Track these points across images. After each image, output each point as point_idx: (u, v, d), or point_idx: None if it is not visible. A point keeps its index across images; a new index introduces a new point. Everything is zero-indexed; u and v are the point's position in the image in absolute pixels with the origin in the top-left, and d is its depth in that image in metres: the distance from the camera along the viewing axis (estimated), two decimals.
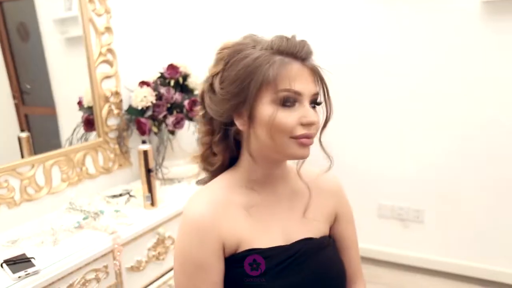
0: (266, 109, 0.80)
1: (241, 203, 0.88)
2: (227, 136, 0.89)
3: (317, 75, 0.83)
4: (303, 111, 0.80)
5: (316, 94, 0.83)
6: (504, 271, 2.38)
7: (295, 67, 0.80)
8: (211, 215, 0.84)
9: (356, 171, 2.63)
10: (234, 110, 0.84)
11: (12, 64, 1.71)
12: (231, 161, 0.93)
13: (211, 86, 0.87)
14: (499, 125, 2.24)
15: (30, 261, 1.31)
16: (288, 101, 0.80)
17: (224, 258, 0.85)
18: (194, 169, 2.14)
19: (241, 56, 0.82)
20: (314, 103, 0.84)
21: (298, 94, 0.80)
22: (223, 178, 0.92)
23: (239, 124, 0.85)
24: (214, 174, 0.95)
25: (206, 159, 0.95)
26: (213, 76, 0.86)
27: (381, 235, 2.65)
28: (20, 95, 1.75)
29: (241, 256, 0.84)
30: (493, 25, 2.15)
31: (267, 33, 0.87)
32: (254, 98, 0.80)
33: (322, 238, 0.93)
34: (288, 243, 0.88)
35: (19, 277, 1.23)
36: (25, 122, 1.77)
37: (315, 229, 0.93)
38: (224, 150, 0.91)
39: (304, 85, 0.81)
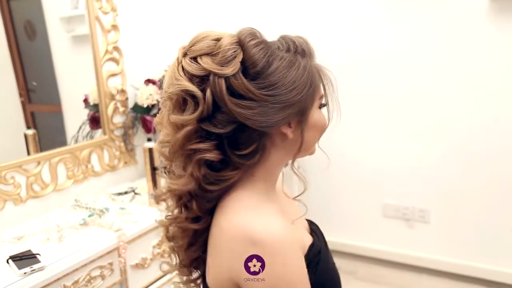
0: (317, 113, 0.80)
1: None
2: (262, 147, 0.78)
3: None
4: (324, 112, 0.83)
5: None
6: (509, 272, 2.37)
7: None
8: (290, 230, 0.74)
9: (361, 170, 2.63)
10: (293, 118, 0.76)
11: (19, 62, 1.72)
12: None
13: (233, 89, 0.71)
14: (506, 124, 2.23)
15: (35, 257, 1.32)
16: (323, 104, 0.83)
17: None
18: None
19: (285, 61, 0.74)
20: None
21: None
22: (250, 194, 0.78)
23: (289, 131, 0.77)
24: (216, 192, 0.77)
25: (214, 177, 0.75)
26: (232, 77, 0.71)
27: (386, 235, 2.64)
28: (26, 93, 1.76)
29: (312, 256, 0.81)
30: (500, 23, 2.14)
31: (272, 31, 0.85)
32: (312, 105, 0.79)
33: None
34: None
35: (25, 273, 1.24)
36: (31, 120, 1.78)
37: None
38: (251, 163, 0.77)
39: None
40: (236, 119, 0.71)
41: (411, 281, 2.52)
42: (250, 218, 0.72)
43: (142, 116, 1.97)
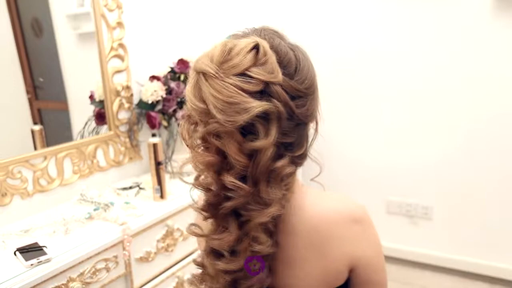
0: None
1: None
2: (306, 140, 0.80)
3: None
4: None
5: None
6: None
7: None
8: None
9: (364, 167, 2.64)
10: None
11: (25, 60, 1.74)
12: None
13: (288, 93, 0.70)
14: (509, 121, 2.23)
15: (42, 249, 1.34)
16: None
17: None
18: None
19: (300, 52, 0.76)
20: None
21: None
22: (302, 185, 0.81)
23: (314, 123, 0.79)
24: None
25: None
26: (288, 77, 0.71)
27: (389, 232, 2.65)
28: (33, 90, 1.78)
29: None
30: (504, 20, 2.14)
31: (276, 25, 0.82)
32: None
33: None
34: None
35: (32, 264, 1.26)
36: (38, 116, 1.80)
37: None
38: None
39: None
40: (299, 121, 0.72)
41: (414, 277, 2.53)
42: (332, 201, 0.76)
43: (147, 112, 1.99)
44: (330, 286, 0.79)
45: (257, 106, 0.64)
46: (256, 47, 0.67)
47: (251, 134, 0.66)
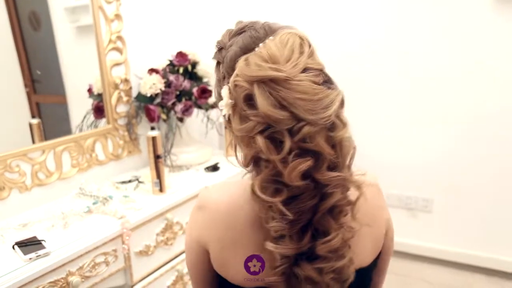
0: None
1: None
2: None
3: None
4: None
5: None
6: (511, 260, 2.38)
7: None
8: None
9: (363, 160, 2.62)
10: None
11: (24, 53, 1.73)
12: None
13: None
14: (508, 114, 2.23)
15: (40, 243, 1.34)
16: None
17: None
18: (202, 156, 2.16)
19: None
20: None
21: None
22: None
23: None
24: None
25: None
26: None
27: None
28: (31, 83, 1.77)
29: None
30: (506, 14, 2.13)
31: (276, 19, 0.82)
32: None
33: None
34: None
35: (30, 258, 1.26)
36: (36, 110, 1.80)
37: None
38: None
39: None
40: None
41: (413, 269, 2.53)
42: (366, 175, 0.78)
43: (146, 105, 1.98)
44: (376, 254, 0.83)
45: (335, 95, 0.65)
46: (301, 39, 0.67)
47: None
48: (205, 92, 2.01)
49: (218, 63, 0.77)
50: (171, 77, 1.98)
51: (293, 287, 0.71)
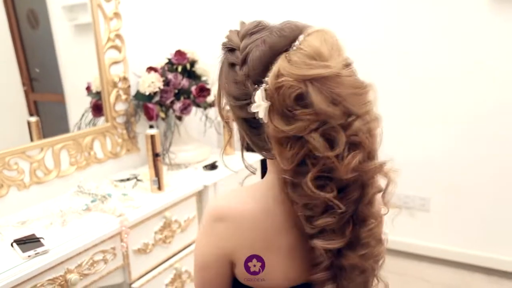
0: None
1: None
2: None
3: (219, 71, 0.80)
4: None
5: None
6: (509, 260, 2.38)
7: None
8: None
9: None
10: None
11: (21, 51, 1.73)
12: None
13: None
14: (507, 114, 2.23)
15: (39, 241, 1.34)
16: None
17: None
18: (201, 154, 2.16)
19: None
20: None
21: None
22: None
23: None
24: None
25: None
26: None
27: (386, 223, 2.65)
28: (29, 82, 1.77)
29: None
30: (502, 13, 2.13)
31: (275, 18, 0.83)
32: None
33: None
34: None
35: (29, 256, 1.26)
36: (34, 108, 1.79)
37: None
38: None
39: None
40: None
41: (411, 268, 2.54)
42: None
43: (144, 103, 1.98)
44: None
45: (370, 88, 0.70)
46: (335, 36, 0.70)
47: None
48: (203, 91, 2.01)
49: (233, 65, 0.74)
50: (170, 76, 1.98)
51: (342, 278, 0.72)
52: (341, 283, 0.72)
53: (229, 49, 0.75)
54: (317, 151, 0.64)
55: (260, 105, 0.67)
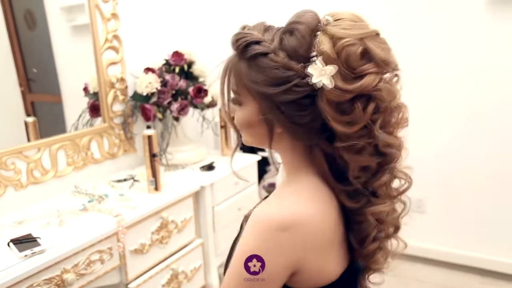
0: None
1: None
2: None
3: (222, 71, 0.80)
4: None
5: (234, 91, 0.80)
6: (505, 261, 2.39)
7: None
8: None
9: None
10: None
11: (19, 52, 1.73)
12: None
13: None
14: (502, 114, 2.25)
15: (36, 240, 1.34)
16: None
17: None
18: (198, 155, 2.17)
19: None
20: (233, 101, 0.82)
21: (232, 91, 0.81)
22: None
23: None
24: None
25: None
26: None
27: None
28: (26, 82, 1.77)
29: None
30: (498, 15, 2.15)
31: (274, 19, 0.83)
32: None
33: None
34: None
35: (25, 255, 1.26)
36: (31, 109, 1.79)
37: None
38: None
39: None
40: None
41: (406, 270, 2.54)
42: None
43: (142, 104, 1.98)
44: None
45: None
46: None
47: None
48: (201, 92, 2.02)
49: (265, 54, 0.74)
50: (167, 77, 1.98)
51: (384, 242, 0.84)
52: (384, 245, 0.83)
53: (255, 42, 0.75)
54: (385, 101, 0.71)
55: (324, 72, 0.70)
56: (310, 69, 0.70)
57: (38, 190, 1.70)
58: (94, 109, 1.94)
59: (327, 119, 0.71)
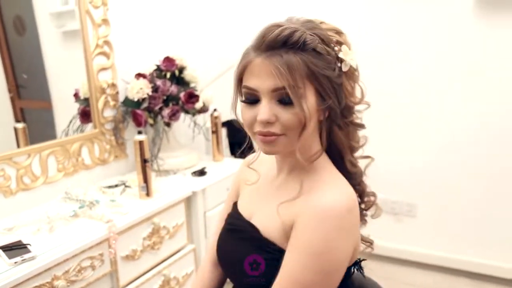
0: (240, 105, 0.84)
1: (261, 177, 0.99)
2: None
3: (277, 69, 0.75)
4: (260, 108, 0.78)
5: (278, 90, 0.77)
6: (496, 265, 2.42)
7: (257, 61, 0.78)
8: None
9: None
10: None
11: (8, 58, 1.72)
12: None
13: None
14: (493, 119, 2.28)
15: (26, 247, 1.32)
16: (247, 98, 0.81)
17: None
18: (189, 161, 2.17)
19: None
20: (280, 100, 0.78)
21: (254, 90, 0.79)
22: None
23: None
24: None
25: None
26: None
27: (373, 229, 2.66)
28: (16, 88, 1.76)
29: None
30: (487, 20, 2.18)
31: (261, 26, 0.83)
32: (236, 94, 0.86)
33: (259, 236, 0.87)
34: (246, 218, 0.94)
35: (15, 262, 1.24)
36: (20, 115, 1.78)
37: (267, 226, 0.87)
38: None
39: (261, 81, 0.77)
40: None
41: (399, 274, 2.56)
42: None
43: (133, 110, 1.98)
44: None
45: None
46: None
47: None
48: (192, 97, 2.02)
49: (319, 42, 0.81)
50: (158, 82, 1.98)
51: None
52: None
53: (309, 34, 0.80)
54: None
55: (353, 56, 0.88)
56: (341, 54, 0.83)
57: (28, 196, 1.68)
58: (85, 115, 1.94)
59: (345, 96, 0.87)
